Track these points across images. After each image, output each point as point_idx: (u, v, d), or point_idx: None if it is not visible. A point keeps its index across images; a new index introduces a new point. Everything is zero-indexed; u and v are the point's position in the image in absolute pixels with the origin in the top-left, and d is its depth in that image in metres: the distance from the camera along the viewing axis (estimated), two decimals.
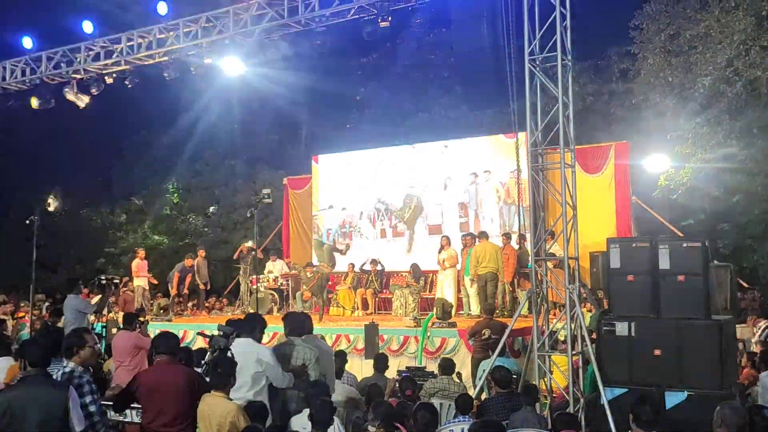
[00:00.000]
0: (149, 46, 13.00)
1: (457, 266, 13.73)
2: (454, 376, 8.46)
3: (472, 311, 13.08)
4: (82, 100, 14.03)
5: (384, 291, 15.28)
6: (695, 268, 7.20)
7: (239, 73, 12.87)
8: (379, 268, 15.15)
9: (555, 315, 9.55)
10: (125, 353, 8.67)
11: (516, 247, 13.44)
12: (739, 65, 15.30)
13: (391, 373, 9.00)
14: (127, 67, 13.41)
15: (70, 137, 30.24)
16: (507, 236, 13.61)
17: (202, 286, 15.92)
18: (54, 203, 23.55)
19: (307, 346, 6.05)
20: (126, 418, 6.32)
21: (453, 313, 12.24)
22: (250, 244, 15.87)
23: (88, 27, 13.34)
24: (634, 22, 17.93)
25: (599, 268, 12.48)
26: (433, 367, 9.74)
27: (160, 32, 12.83)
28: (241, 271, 16.21)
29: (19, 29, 14.84)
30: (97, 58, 13.52)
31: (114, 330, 11.38)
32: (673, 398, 6.90)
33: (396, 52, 23.87)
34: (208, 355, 5.37)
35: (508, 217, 15.40)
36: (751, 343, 11.13)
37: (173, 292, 15.31)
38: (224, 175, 26.02)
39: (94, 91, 13.82)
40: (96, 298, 11.53)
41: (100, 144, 30.02)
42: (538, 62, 8.51)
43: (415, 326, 11.39)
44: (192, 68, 12.91)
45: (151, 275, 16.03)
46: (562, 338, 8.70)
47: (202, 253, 16.37)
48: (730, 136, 15.35)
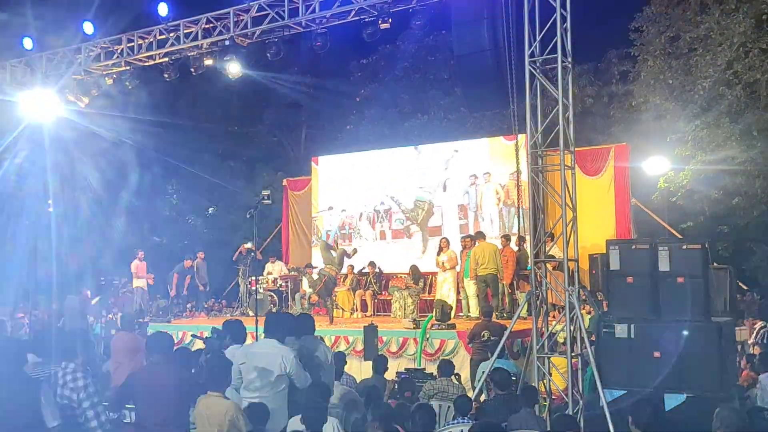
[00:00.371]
0: (149, 47, 12.99)
1: (457, 268, 13.72)
2: (453, 377, 8.46)
3: (472, 313, 13.07)
4: (82, 101, 14.02)
5: (383, 293, 15.26)
6: (695, 270, 7.20)
7: (239, 74, 12.86)
8: (377, 270, 15.13)
9: (554, 317, 9.54)
10: (124, 354, 8.67)
11: (515, 248, 13.44)
12: (738, 68, 15.34)
13: (390, 375, 9.00)
14: (128, 68, 13.41)
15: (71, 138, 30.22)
16: (506, 238, 13.61)
17: (201, 288, 15.92)
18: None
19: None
20: (125, 419, 6.32)
21: (452, 314, 12.23)
22: (249, 246, 15.85)
23: (88, 28, 13.34)
24: (634, 25, 18.00)
25: (599, 270, 12.42)
26: (432, 368, 9.74)
27: (161, 33, 12.82)
28: (240, 273, 16.20)
29: (20, 30, 14.82)
30: (97, 59, 13.52)
31: (113, 331, 11.39)
32: (672, 400, 6.90)
33: (396, 54, 23.86)
34: (203, 356, 5.37)
35: (508, 219, 15.39)
36: (749, 344, 11.14)
37: (172, 293, 15.31)
38: (224, 177, 26.00)
39: (94, 92, 13.82)
40: (95, 299, 11.54)
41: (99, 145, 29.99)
42: (538, 64, 8.51)
43: (414, 328, 11.39)
44: (192, 69, 12.92)
45: (150, 276, 16.02)
46: (562, 340, 8.70)
47: (201, 254, 16.36)
48: (730, 139, 15.38)
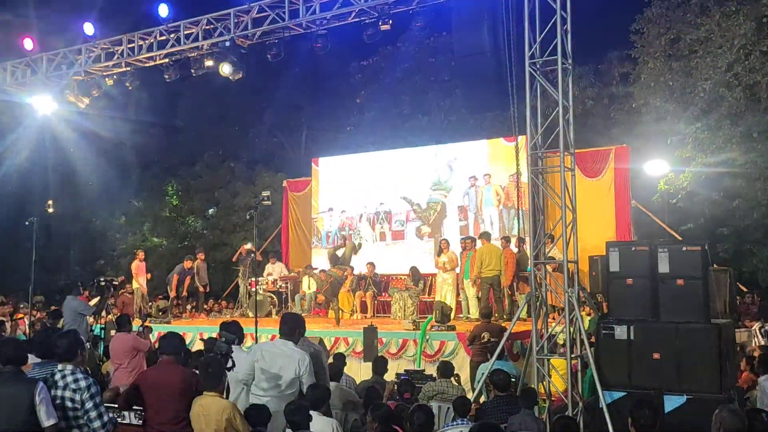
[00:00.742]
0: (150, 48, 13.01)
1: (456, 269, 13.72)
2: (452, 379, 8.45)
3: (471, 314, 13.07)
4: (83, 102, 14.04)
5: (383, 294, 15.26)
6: (694, 272, 7.20)
7: (239, 75, 12.87)
8: (375, 272, 15.12)
9: (554, 318, 9.53)
10: (123, 355, 8.67)
11: (515, 250, 13.43)
12: (739, 70, 15.34)
13: (389, 376, 8.99)
14: (128, 68, 13.42)
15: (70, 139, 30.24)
16: (506, 240, 13.60)
17: (201, 289, 15.90)
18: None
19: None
20: (124, 420, 6.30)
21: (452, 316, 12.23)
22: (249, 247, 15.84)
23: (89, 28, 13.36)
24: (634, 26, 18.00)
25: (598, 272, 12.49)
26: (431, 370, 9.73)
27: (161, 34, 12.84)
28: (240, 274, 16.19)
29: (20, 30, 14.85)
30: (97, 59, 13.53)
31: (113, 332, 11.38)
32: (672, 402, 6.90)
33: (396, 55, 23.88)
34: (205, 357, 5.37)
35: (508, 221, 15.39)
36: (750, 346, 11.12)
37: (172, 294, 15.28)
38: (224, 178, 26.01)
39: (95, 93, 13.84)
40: (95, 300, 11.52)
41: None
42: (539, 66, 8.50)
43: (414, 329, 11.38)
44: (192, 70, 12.93)
45: (148, 275, 15.99)
46: (561, 342, 8.69)
47: (201, 255, 16.34)
48: (730, 141, 15.38)
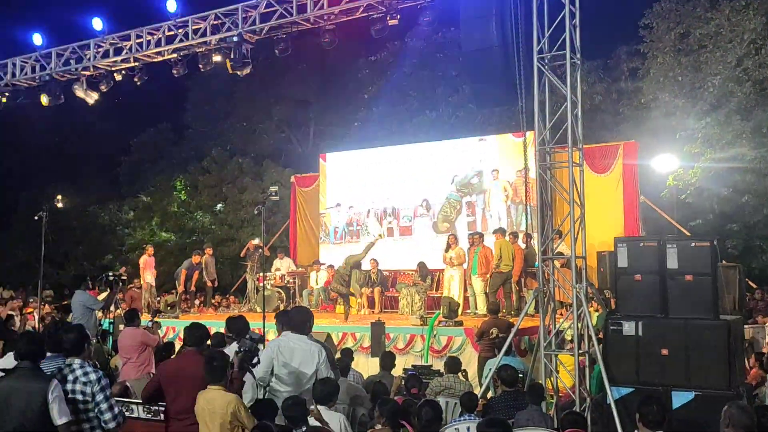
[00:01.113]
0: (158, 44, 13.02)
1: (464, 265, 13.71)
2: (460, 374, 8.45)
3: (479, 310, 13.06)
4: (92, 97, 14.07)
5: (390, 289, 15.27)
6: (703, 268, 7.15)
7: (247, 70, 12.87)
8: (378, 268, 15.15)
9: (562, 314, 9.52)
10: (132, 350, 8.71)
11: (523, 246, 13.41)
12: (749, 65, 15.26)
13: (397, 372, 9.00)
14: (136, 63, 13.44)
15: (79, 134, 30.45)
16: (514, 235, 13.59)
17: (209, 284, 15.94)
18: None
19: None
20: (132, 414, 6.33)
21: (459, 311, 12.23)
22: (257, 242, 15.87)
23: (97, 24, 13.39)
24: (643, 21, 17.91)
25: (606, 268, 12.43)
26: (439, 365, 9.73)
27: (170, 29, 12.84)
28: (248, 269, 16.22)
29: (29, 26, 14.92)
30: (106, 54, 13.55)
31: (121, 327, 11.43)
32: (680, 398, 6.87)
33: (404, 51, 23.86)
34: (234, 356, 5.43)
35: (516, 216, 15.36)
36: (762, 343, 11.08)
37: (180, 289, 15.33)
38: (231, 173, 26.07)
39: (104, 88, 13.87)
40: (104, 295, 11.57)
41: (108, 140, 30.20)
42: (547, 61, 8.47)
43: (422, 325, 11.40)
44: (200, 65, 12.95)
45: (154, 272, 16.04)
46: (569, 337, 8.67)
47: (209, 250, 16.38)
48: (740, 136, 15.29)
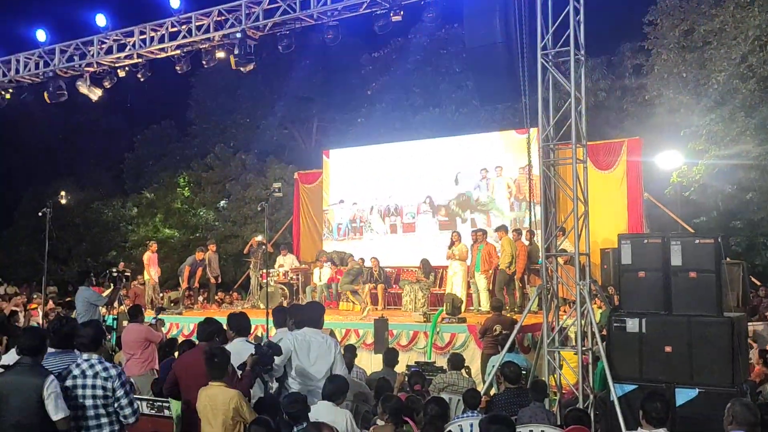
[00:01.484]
0: (162, 40, 13.03)
1: (467, 261, 13.71)
2: (463, 371, 8.46)
3: (482, 307, 13.06)
4: (95, 93, 14.08)
5: (393, 286, 15.28)
6: (707, 265, 7.15)
7: (250, 66, 12.86)
8: (383, 264, 15.16)
9: (565, 311, 9.52)
10: (135, 346, 8.73)
11: (526, 243, 13.41)
12: (753, 61, 15.18)
13: (400, 368, 9.01)
14: (140, 60, 13.45)
15: (83, 130, 30.51)
16: (518, 232, 13.58)
17: (212, 280, 15.96)
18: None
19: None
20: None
21: (462, 308, 12.23)
22: (260, 239, 15.87)
23: (101, 20, 13.39)
24: (648, 18, 17.84)
25: (610, 265, 12.44)
26: (442, 362, 9.75)
27: (173, 25, 12.85)
28: (251, 265, 16.24)
29: (33, 22, 14.94)
30: (109, 51, 13.55)
31: (125, 323, 11.45)
32: (683, 395, 6.86)
33: (407, 47, 23.82)
34: (248, 356, 5.50)
35: (519, 213, 15.35)
36: (766, 340, 11.06)
37: (184, 285, 15.35)
38: (235, 169, 26.08)
39: (107, 84, 13.88)
40: (107, 291, 11.59)
41: (112, 137, 30.26)
42: (551, 57, 8.45)
43: (425, 321, 11.40)
44: (204, 62, 12.96)
45: (158, 268, 16.06)
46: (572, 334, 8.67)
47: (212, 247, 16.39)
48: (745, 133, 15.23)
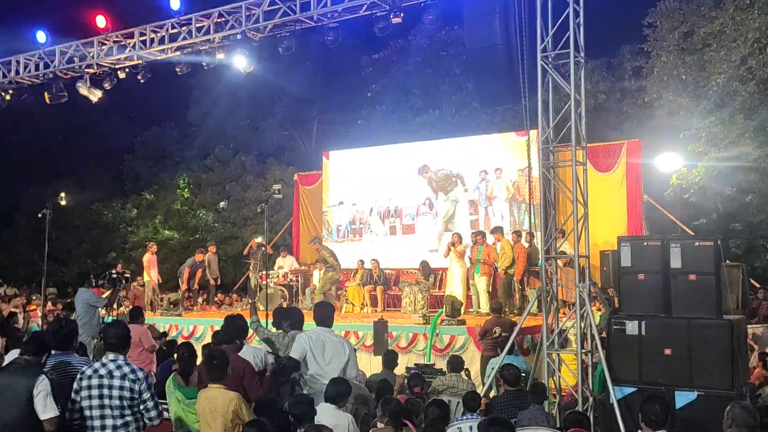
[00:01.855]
0: (161, 41, 13.04)
1: (467, 263, 13.71)
2: (462, 373, 8.45)
3: (482, 309, 13.06)
4: (95, 95, 14.09)
5: (393, 288, 15.28)
6: (707, 268, 7.15)
7: (251, 68, 12.88)
8: (383, 266, 15.16)
9: (565, 313, 9.52)
10: (135, 347, 8.71)
11: (526, 245, 13.42)
12: (753, 63, 15.20)
13: (399, 370, 9.00)
14: (140, 61, 13.46)
15: (83, 131, 30.51)
16: (517, 234, 13.59)
17: (212, 282, 15.95)
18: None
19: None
20: None
21: (462, 310, 12.22)
22: (260, 240, 15.86)
23: (101, 21, 13.41)
24: (647, 20, 17.86)
25: (610, 267, 12.43)
26: (441, 364, 9.73)
27: (173, 27, 12.87)
28: (251, 267, 16.23)
29: (33, 23, 14.93)
30: (110, 52, 13.57)
31: None
32: (683, 398, 6.87)
33: (407, 49, 23.82)
34: (270, 362, 5.64)
35: (519, 215, 15.35)
36: (766, 343, 11.06)
37: (183, 287, 15.34)
38: (235, 171, 26.08)
39: (107, 86, 13.90)
40: (107, 293, 11.58)
41: (111, 138, 30.25)
42: (551, 59, 8.46)
43: (424, 323, 11.39)
44: (204, 63, 12.96)
45: (157, 272, 16.02)
46: (572, 337, 8.67)
47: (212, 248, 16.38)
48: (744, 135, 15.24)
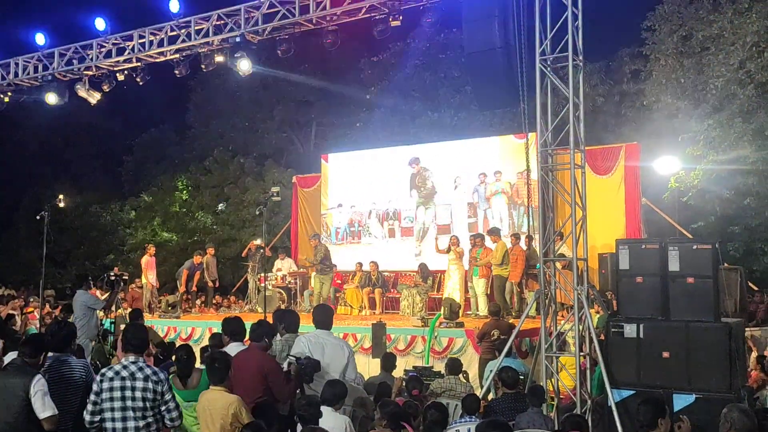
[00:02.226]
0: (161, 44, 13.03)
1: (465, 266, 13.70)
2: (461, 376, 8.46)
3: (480, 311, 13.06)
4: (94, 97, 14.09)
5: (391, 290, 15.28)
6: (705, 271, 7.16)
7: (249, 71, 12.89)
8: (381, 268, 15.16)
9: (563, 316, 9.52)
10: None
11: (524, 247, 13.42)
12: (751, 67, 15.24)
13: (398, 373, 9.00)
14: (139, 64, 13.45)
15: (82, 134, 30.48)
16: (516, 236, 13.59)
17: (210, 284, 15.94)
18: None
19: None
20: None
21: (460, 313, 12.22)
22: (258, 242, 15.88)
23: (100, 24, 13.40)
24: (646, 23, 17.91)
25: (608, 270, 12.42)
26: (440, 366, 9.73)
27: (172, 30, 12.85)
28: (249, 269, 16.22)
29: (32, 25, 14.94)
30: (108, 54, 13.57)
31: (122, 326, 11.42)
32: (681, 401, 6.87)
33: (406, 52, 23.83)
34: (289, 363, 5.63)
35: (517, 218, 15.36)
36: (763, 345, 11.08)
37: (182, 289, 15.33)
38: (233, 173, 26.07)
39: (106, 88, 13.88)
40: (105, 295, 11.58)
41: (110, 140, 30.22)
42: (549, 62, 8.48)
43: (423, 326, 11.40)
44: (203, 66, 12.96)
45: (155, 274, 16.00)
46: (570, 339, 8.67)
47: (211, 250, 16.37)
48: (742, 138, 15.28)
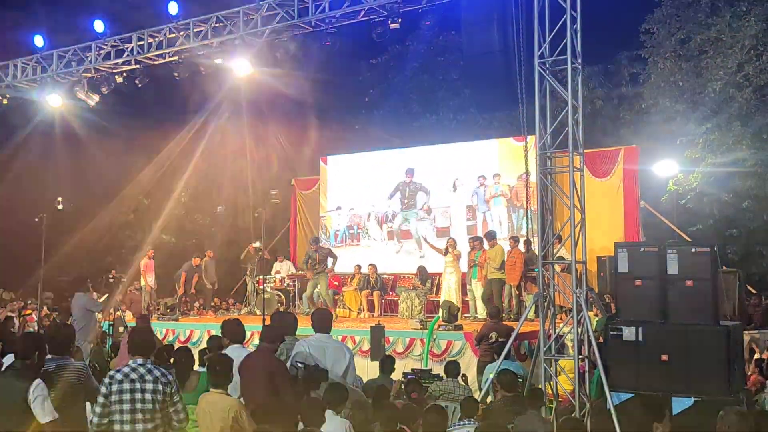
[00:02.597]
0: (159, 46, 13.03)
1: (462, 268, 13.69)
2: (459, 379, 8.45)
3: (479, 314, 13.05)
4: (92, 99, 14.09)
5: (390, 293, 15.27)
6: (703, 274, 7.15)
7: (248, 73, 12.88)
8: (380, 271, 15.16)
9: (562, 319, 9.51)
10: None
11: (523, 250, 13.42)
12: (749, 70, 15.28)
13: (396, 375, 8.99)
14: (138, 66, 13.46)
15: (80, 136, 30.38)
16: (515, 239, 13.59)
17: (209, 286, 15.93)
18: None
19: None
20: None
21: (459, 315, 12.22)
22: (257, 245, 15.87)
23: (99, 26, 13.40)
24: (644, 27, 17.95)
25: (607, 273, 12.47)
26: (438, 369, 9.72)
27: (171, 32, 12.86)
28: (247, 272, 16.22)
29: (31, 28, 14.92)
30: (107, 57, 13.57)
31: (121, 329, 11.44)
32: (680, 404, 6.86)
33: (405, 54, 23.85)
34: (297, 366, 5.65)
35: (516, 221, 15.37)
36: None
37: (180, 291, 15.32)
38: (232, 175, 26.01)
39: (104, 90, 13.89)
40: (104, 297, 11.58)
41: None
42: (548, 65, 8.47)
43: (421, 329, 11.39)
44: (202, 68, 12.96)
45: (154, 277, 15.99)
46: (569, 342, 8.67)
47: (209, 253, 16.38)
48: (740, 141, 15.31)
